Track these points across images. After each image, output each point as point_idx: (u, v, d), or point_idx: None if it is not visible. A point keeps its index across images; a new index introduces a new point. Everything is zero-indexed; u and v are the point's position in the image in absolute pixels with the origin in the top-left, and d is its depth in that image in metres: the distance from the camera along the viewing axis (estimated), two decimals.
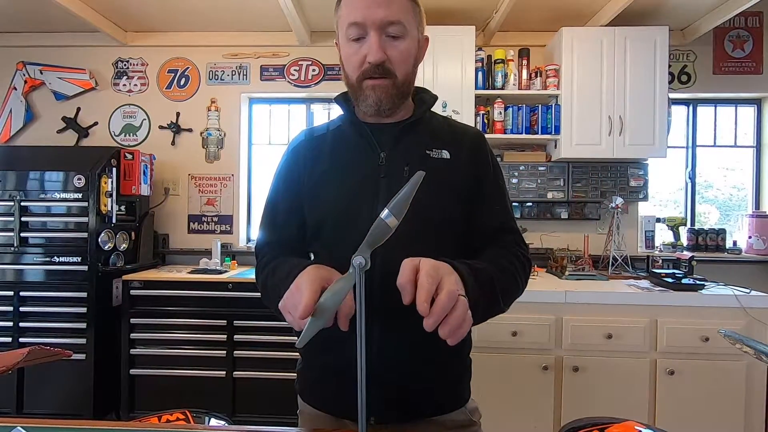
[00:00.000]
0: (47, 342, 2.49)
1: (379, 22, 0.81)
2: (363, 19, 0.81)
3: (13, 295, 2.54)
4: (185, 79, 3.17)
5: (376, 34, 0.81)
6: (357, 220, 0.81)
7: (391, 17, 0.81)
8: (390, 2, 0.81)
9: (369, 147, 0.88)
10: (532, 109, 2.81)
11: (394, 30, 0.82)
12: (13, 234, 2.53)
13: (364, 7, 0.81)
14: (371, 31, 0.81)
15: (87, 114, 3.18)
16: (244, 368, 2.51)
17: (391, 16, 0.81)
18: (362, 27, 0.82)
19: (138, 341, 2.56)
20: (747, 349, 0.79)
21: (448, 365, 0.88)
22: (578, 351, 2.16)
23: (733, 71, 2.99)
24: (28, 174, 2.56)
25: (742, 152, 3.17)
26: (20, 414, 2.53)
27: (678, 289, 2.21)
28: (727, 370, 2.12)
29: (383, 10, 0.80)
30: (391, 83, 0.84)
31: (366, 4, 0.81)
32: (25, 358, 0.88)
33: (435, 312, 0.61)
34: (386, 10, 0.81)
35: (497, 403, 2.13)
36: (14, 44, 3.15)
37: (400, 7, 0.82)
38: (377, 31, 0.81)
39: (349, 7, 0.83)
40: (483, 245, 0.89)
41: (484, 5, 2.66)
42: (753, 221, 2.92)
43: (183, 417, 0.86)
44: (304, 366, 0.95)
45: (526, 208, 2.96)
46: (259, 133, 3.34)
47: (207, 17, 2.91)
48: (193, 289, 2.54)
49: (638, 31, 2.64)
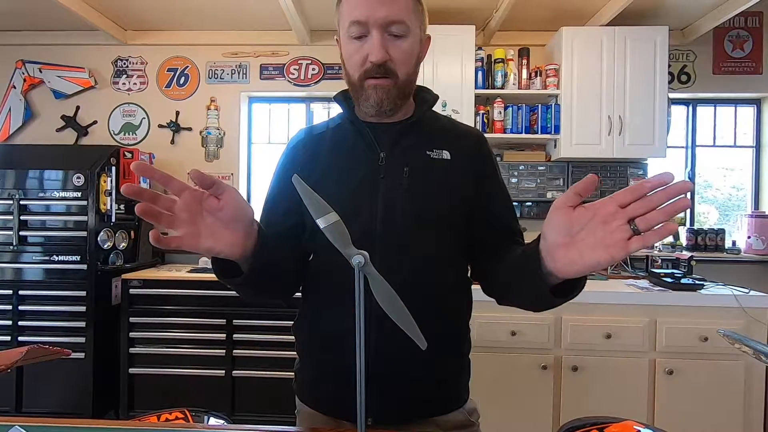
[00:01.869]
0: (46, 341, 2.49)
1: (381, 20, 0.79)
2: (365, 17, 0.79)
3: (12, 293, 2.54)
4: (185, 77, 3.17)
5: (378, 33, 0.80)
6: (357, 220, 0.80)
7: (394, 16, 0.80)
8: (393, 2, 0.80)
9: (369, 147, 0.87)
10: (532, 109, 2.81)
11: (396, 29, 0.81)
12: (12, 233, 2.52)
13: (366, 5, 0.79)
14: (373, 29, 0.80)
15: (86, 113, 3.17)
16: (244, 367, 2.51)
17: (393, 15, 0.80)
18: (364, 25, 0.80)
19: (137, 340, 2.56)
20: (746, 348, 0.79)
21: (447, 366, 0.88)
22: (577, 351, 2.17)
23: (733, 71, 2.99)
24: (28, 173, 2.56)
25: (741, 152, 3.17)
26: (19, 413, 2.53)
27: (677, 288, 2.21)
28: (726, 370, 2.12)
29: (386, 8, 0.79)
30: (392, 83, 0.82)
31: (369, 2, 0.79)
32: (23, 357, 0.88)
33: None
34: (389, 9, 0.79)
35: (496, 402, 2.14)
36: (13, 42, 3.14)
37: (403, 5, 0.81)
38: (379, 30, 0.80)
39: (352, 4, 0.82)
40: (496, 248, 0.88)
41: (484, 5, 2.66)
42: (752, 221, 2.92)
43: (182, 416, 0.86)
44: (301, 366, 0.94)
45: (526, 208, 2.96)
46: (258, 132, 3.34)
47: (207, 16, 2.91)
48: (193, 288, 2.53)
49: (638, 30, 2.64)
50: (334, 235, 0.59)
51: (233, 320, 2.51)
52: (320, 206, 0.60)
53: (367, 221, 0.83)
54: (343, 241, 0.60)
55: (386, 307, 0.60)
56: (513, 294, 0.81)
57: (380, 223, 0.82)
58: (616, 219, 0.56)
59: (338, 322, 0.81)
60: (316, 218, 0.59)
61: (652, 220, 0.54)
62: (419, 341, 0.61)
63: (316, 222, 0.59)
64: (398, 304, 0.60)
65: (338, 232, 0.59)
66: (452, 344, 0.90)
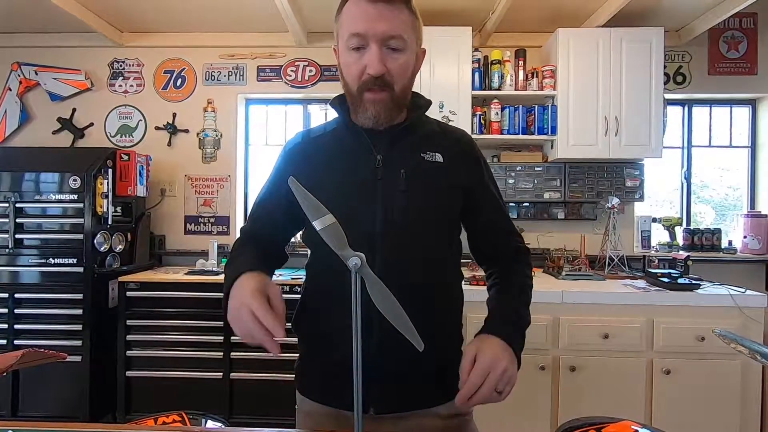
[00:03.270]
0: (43, 344, 2.47)
1: (380, 35, 0.81)
2: (365, 31, 0.81)
3: (8, 297, 2.53)
4: (181, 79, 3.16)
5: (377, 47, 0.82)
6: (355, 222, 0.82)
7: (393, 31, 0.82)
8: (393, 17, 0.82)
9: (366, 150, 0.89)
10: (529, 110, 2.82)
11: (395, 43, 0.83)
12: (8, 235, 2.51)
13: (366, 19, 0.81)
14: (372, 43, 0.82)
15: (82, 115, 3.16)
16: (241, 370, 2.50)
17: (393, 30, 0.82)
18: (363, 38, 0.82)
19: (134, 343, 2.55)
20: (741, 348, 0.79)
21: (445, 359, 0.91)
22: (575, 351, 2.17)
23: (728, 72, 3.01)
24: (24, 175, 2.55)
25: (737, 152, 3.18)
26: (15, 416, 2.51)
27: (674, 288, 2.22)
28: (722, 370, 2.13)
29: (386, 23, 0.81)
30: (389, 96, 0.85)
31: (369, 16, 0.81)
32: (19, 361, 0.87)
33: (472, 401, 0.79)
34: (389, 24, 0.81)
35: (494, 403, 2.13)
36: (9, 45, 3.13)
37: (402, 21, 0.83)
38: (378, 43, 0.82)
39: (351, 16, 0.83)
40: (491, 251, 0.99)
41: (480, 6, 2.67)
42: (748, 221, 2.93)
43: (179, 419, 0.85)
44: (304, 360, 0.97)
45: (523, 209, 2.96)
46: (255, 133, 3.33)
47: (203, 18, 2.91)
48: (190, 291, 2.53)
49: (634, 32, 2.65)
50: (330, 237, 0.61)
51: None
52: (317, 209, 0.61)
53: (367, 223, 0.86)
54: (339, 243, 0.61)
55: (383, 309, 0.62)
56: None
57: (380, 224, 0.86)
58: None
59: (339, 318, 0.83)
60: (312, 221, 0.61)
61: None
62: (416, 343, 0.62)
63: (312, 224, 0.61)
64: (395, 306, 0.62)
65: (335, 233, 0.61)
66: (450, 339, 0.95)
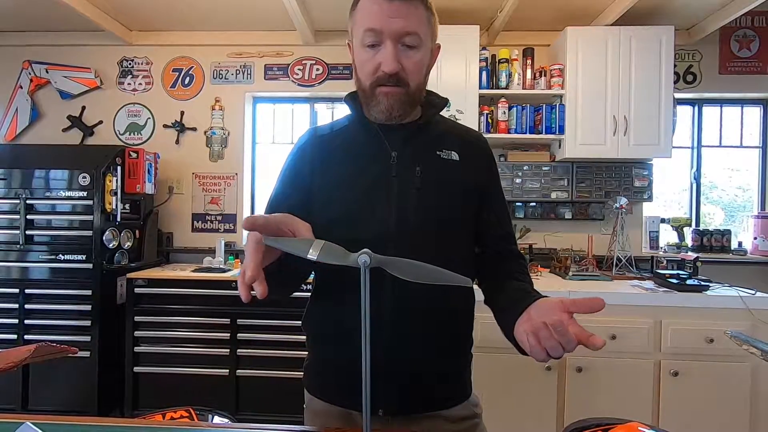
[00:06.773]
0: (52, 339, 2.49)
1: (396, 32, 0.81)
2: (380, 27, 0.80)
3: (18, 292, 2.56)
4: (189, 78, 3.18)
5: (392, 44, 0.81)
6: (370, 219, 0.84)
7: (409, 28, 0.81)
8: (408, 13, 0.81)
9: (380, 147, 0.88)
10: (536, 109, 2.80)
11: (410, 40, 0.82)
12: (19, 232, 2.54)
13: (382, 15, 0.80)
14: (387, 40, 0.81)
15: (92, 113, 3.19)
16: (247, 366, 2.52)
17: (408, 27, 0.81)
18: (379, 34, 0.81)
19: (142, 339, 2.57)
20: (754, 350, 0.78)
21: (454, 359, 0.91)
22: (582, 352, 2.14)
23: (739, 71, 2.97)
24: (34, 172, 2.58)
25: (747, 153, 3.15)
26: (25, 410, 2.54)
27: (682, 290, 2.20)
28: (731, 372, 2.10)
29: (402, 21, 0.80)
30: (403, 92, 0.84)
31: (385, 13, 0.80)
32: (32, 355, 0.88)
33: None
34: (405, 21, 0.80)
35: (501, 403, 2.13)
36: (20, 43, 3.17)
37: (418, 18, 0.82)
38: (393, 40, 0.81)
39: (367, 12, 0.82)
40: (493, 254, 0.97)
41: (488, 5, 2.65)
42: (758, 222, 2.90)
43: (187, 414, 0.86)
44: (313, 359, 0.97)
45: (530, 208, 2.95)
46: (262, 132, 3.35)
47: (211, 17, 2.92)
48: (197, 288, 2.55)
49: (643, 30, 2.63)
50: (329, 256, 0.59)
51: (237, 319, 2.52)
52: (302, 243, 0.60)
53: (381, 220, 0.85)
54: (339, 257, 0.59)
55: (415, 277, 0.59)
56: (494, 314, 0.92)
57: (394, 222, 0.85)
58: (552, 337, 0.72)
59: (349, 318, 0.82)
60: (305, 256, 0.59)
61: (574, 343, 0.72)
62: (463, 282, 0.61)
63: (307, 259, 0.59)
64: (422, 267, 0.60)
65: (331, 251, 0.60)
66: (460, 342, 0.94)
